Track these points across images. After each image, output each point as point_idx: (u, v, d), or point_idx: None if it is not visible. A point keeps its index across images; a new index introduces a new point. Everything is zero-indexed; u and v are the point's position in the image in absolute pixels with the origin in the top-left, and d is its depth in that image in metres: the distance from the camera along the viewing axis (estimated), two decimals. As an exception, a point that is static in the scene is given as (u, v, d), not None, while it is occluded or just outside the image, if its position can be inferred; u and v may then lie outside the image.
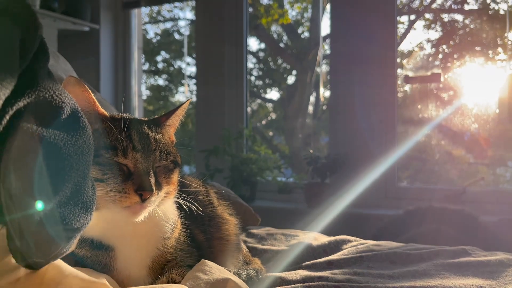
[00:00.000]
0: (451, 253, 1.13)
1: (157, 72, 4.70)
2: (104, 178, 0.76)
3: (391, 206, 2.51)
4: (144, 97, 4.19)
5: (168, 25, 4.72)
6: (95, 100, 0.82)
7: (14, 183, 0.48)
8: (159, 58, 4.72)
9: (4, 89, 0.46)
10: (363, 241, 1.34)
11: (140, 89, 3.57)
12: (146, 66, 4.56)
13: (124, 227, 0.83)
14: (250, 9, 3.35)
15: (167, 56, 4.75)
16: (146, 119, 0.92)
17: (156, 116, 0.93)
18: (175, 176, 0.88)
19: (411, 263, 1.10)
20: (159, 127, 0.89)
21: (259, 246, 1.32)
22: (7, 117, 0.47)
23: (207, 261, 0.84)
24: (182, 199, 0.89)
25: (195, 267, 0.83)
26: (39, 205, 0.50)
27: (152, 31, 4.74)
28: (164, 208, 0.86)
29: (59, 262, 0.62)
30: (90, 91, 0.81)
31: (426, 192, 2.52)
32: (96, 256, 0.82)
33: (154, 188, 0.78)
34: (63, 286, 0.61)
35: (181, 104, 0.92)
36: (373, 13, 2.53)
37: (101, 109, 0.83)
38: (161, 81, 4.81)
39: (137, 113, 3.50)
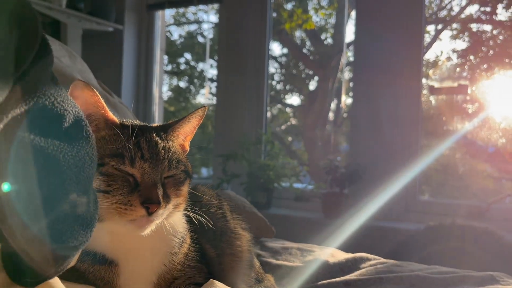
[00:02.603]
0: (478, 279, 1.05)
1: (179, 74, 4.70)
2: (109, 190, 0.72)
3: (411, 220, 2.43)
4: (165, 98, 4.19)
5: (193, 27, 4.73)
6: (105, 105, 0.77)
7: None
8: (182, 60, 4.73)
9: None
10: (382, 260, 1.27)
11: (161, 90, 3.57)
12: (169, 67, 4.57)
13: (129, 241, 0.78)
14: (274, 14, 3.31)
15: (190, 58, 4.76)
16: (155, 125, 0.86)
17: (168, 122, 0.87)
18: (185, 188, 0.83)
19: (433, 288, 1.03)
20: (168, 134, 0.84)
21: (273, 261, 1.27)
22: (1, 125, 0.43)
23: (216, 282, 0.79)
24: (192, 211, 0.83)
25: (203, 288, 0.78)
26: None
27: (177, 33, 4.75)
28: (172, 221, 0.81)
29: (55, 279, 0.58)
30: (99, 96, 0.76)
31: (448, 207, 2.44)
32: (98, 271, 0.77)
33: (161, 200, 0.73)
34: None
35: (194, 110, 0.86)
36: (400, 22, 2.46)
37: (111, 115, 0.79)
38: (182, 83, 4.82)
39: (157, 114, 3.50)
